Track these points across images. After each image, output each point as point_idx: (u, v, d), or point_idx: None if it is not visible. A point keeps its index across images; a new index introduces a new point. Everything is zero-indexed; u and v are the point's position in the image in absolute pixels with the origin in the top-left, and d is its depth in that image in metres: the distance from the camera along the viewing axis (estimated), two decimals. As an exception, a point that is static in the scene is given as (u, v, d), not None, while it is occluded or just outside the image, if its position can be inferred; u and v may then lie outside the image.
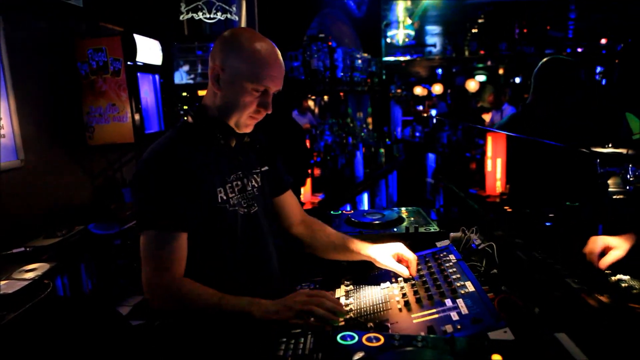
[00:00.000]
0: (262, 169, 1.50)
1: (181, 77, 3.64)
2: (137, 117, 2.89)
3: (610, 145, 1.84)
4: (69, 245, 2.29)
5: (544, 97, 2.37)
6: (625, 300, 1.25)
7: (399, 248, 1.48)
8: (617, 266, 1.44)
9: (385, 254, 1.47)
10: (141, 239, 1.25)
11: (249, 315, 1.18)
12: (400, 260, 1.46)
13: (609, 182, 2.32)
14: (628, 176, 3.04)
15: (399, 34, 8.93)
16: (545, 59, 2.42)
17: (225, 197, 1.35)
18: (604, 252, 1.44)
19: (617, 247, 1.44)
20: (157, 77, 3.15)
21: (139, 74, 2.87)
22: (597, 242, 1.45)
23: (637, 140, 3.21)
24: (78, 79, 2.78)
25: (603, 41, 11.79)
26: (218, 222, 1.33)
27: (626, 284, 1.37)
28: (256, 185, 1.47)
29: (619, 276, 1.41)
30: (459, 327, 1.07)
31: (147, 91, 3.05)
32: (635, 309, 1.22)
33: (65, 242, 2.28)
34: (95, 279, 2.44)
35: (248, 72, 1.29)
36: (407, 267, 1.43)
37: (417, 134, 8.70)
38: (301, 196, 3.57)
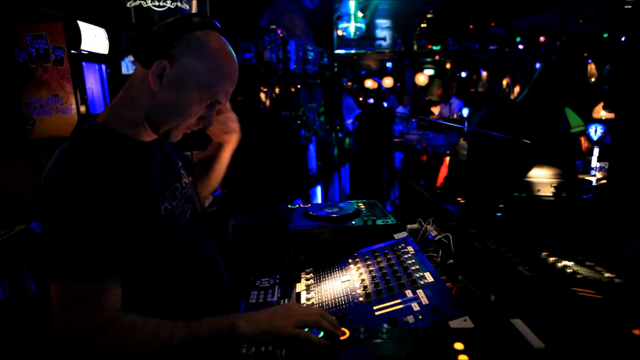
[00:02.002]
0: (182, 161, 1.33)
1: (127, 67, 3.49)
2: (82, 108, 2.76)
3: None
4: (10, 246, 2.16)
5: (542, 96, 2.39)
6: (570, 285, 1.31)
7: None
8: (561, 252, 1.51)
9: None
10: (55, 290, 0.94)
11: (235, 331, 0.95)
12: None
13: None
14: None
15: (351, 27, 8.98)
16: (550, 60, 2.42)
17: (169, 207, 1.15)
18: None
19: None
20: (103, 67, 3.01)
21: (84, 63, 2.73)
22: None
23: (576, 133, 3.40)
24: (16, 68, 2.61)
25: (542, 39, 12.42)
26: (162, 239, 1.11)
27: (570, 270, 1.45)
28: (187, 182, 1.30)
29: (564, 262, 1.49)
30: (420, 317, 1.09)
31: (93, 82, 2.92)
32: (578, 292, 1.30)
33: (5, 243, 2.15)
34: (40, 281, 2.32)
35: (206, 81, 1.09)
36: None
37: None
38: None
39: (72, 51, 2.64)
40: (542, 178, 2.56)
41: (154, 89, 1.08)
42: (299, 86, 6.25)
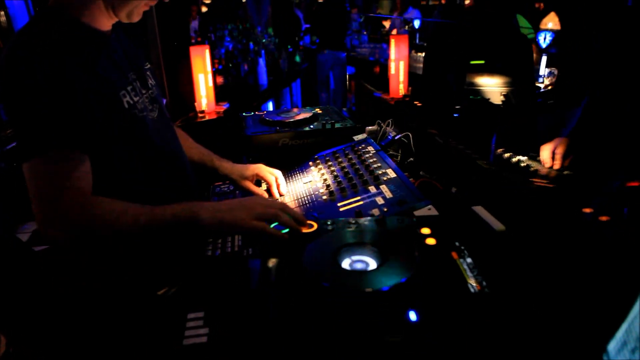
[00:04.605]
0: (150, 65, 1.29)
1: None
2: (2, 17, 2.46)
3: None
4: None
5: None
6: (526, 177, 1.37)
7: (258, 169, 1.41)
8: (515, 148, 1.56)
9: (243, 175, 1.41)
10: (27, 170, 0.95)
11: (196, 219, 0.96)
12: (262, 181, 1.43)
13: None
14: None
15: None
16: None
17: (131, 102, 1.12)
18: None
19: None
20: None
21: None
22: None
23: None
24: None
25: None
26: (128, 134, 1.08)
27: (524, 164, 1.50)
28: (153, 83, 1.26)
29: (518, 157, 1.54)
30: (385, 209, 1.10)
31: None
32: (534, 182, 1.35)
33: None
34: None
35: None
36: (269, 187, 1.40)
37: (317, 40, 8.49)
38: (204, 106, 3.38)
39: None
40: (492, 87, 2.59)
41: None
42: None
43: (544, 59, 4.06)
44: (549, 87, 3.62)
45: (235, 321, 0.81)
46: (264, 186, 1.43)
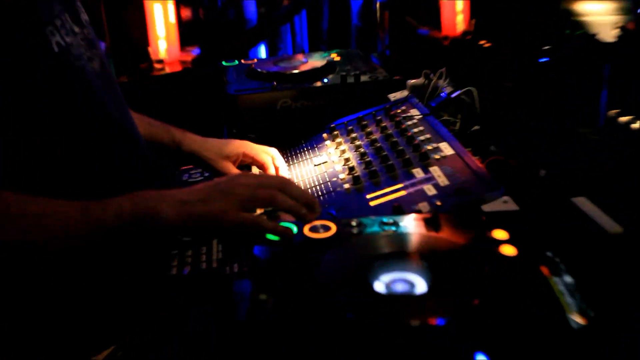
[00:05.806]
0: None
1: None
2: None
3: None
4: None
5: None
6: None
7: (245, 147, 1.42)
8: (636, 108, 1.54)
9: (222, 153, 1.40)
10: None
11: (154, 217, 0.93)
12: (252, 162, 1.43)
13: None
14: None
15: None
16: None
17: (63, 43, 1.09)
18: None
19: None
20: None
21: None
22: None
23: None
24: None
25: None
26: (59, 86, 1.06)
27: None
28: (87, 20, 1.25)
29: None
30: (438, 203, 1.10)
31: None
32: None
33: None
34: None
35: None
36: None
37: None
38: (163, 53, 3.41)
39: None
40: (601, 16, 2.55)
41: None
42: None
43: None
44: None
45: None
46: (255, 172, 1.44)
